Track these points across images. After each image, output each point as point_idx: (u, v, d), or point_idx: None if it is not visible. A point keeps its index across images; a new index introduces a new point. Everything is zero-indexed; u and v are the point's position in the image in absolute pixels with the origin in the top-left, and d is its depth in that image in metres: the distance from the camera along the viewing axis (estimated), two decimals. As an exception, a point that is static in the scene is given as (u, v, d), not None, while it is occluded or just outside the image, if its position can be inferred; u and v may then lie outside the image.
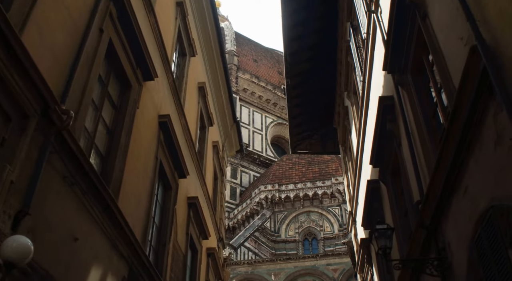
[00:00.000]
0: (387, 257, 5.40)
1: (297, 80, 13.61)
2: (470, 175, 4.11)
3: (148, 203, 6.87)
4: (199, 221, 9.82)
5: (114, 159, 5.77)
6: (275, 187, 33.99)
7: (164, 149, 7.77)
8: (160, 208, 7.90)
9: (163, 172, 7.80)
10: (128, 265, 5.94)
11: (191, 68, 10.56)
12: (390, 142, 6.96)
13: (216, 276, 12.15)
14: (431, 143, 5.30)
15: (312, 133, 15.57)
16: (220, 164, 13.90)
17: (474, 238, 3.99)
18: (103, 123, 5.82)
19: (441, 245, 4.92)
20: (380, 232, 5.41)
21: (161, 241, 7.67)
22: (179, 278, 8.46)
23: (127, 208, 5.94)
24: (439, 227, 4.99)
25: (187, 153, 9.48)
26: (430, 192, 4.98)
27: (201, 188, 10.79)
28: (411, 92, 5.82)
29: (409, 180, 6.24)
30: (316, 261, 27.60)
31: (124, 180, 5.94)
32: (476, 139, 3.89)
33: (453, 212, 4.57)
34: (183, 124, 9.31)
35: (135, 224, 6.23)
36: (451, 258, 4.71)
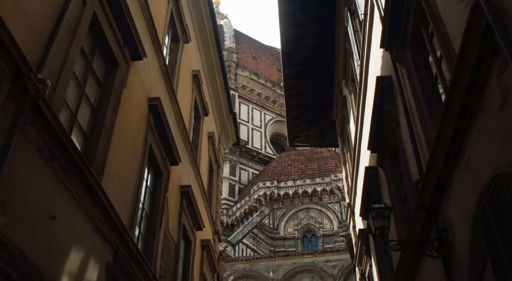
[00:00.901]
0: (384, 238, 5.13)
1: (294, 70, 13.33)
2: (472, 146, 3.84)
3: (136, 188, 6.60)
4: (193, 211, 9.55)
5: (98, 138, 5.50)
6: (274, 183, 33.69)
7: (154, 133, 7.50)
8: (151, 195, 7.63)
9: (153, 157, 7.52)
10: (113, 250, 5.67)
11: (184, 55, 10.29)
12: (388, 123, 6.69)
13: (211, 269, 11.87)
14: (430, 120, 5.03)
15: (310, 125, 15.30)
16: (216, 156, 13.63)
17: (478, 212, 3.72)
18: (86, 101, 5.55)
19: (441, 226, 4.65)
20: (377, 211, 5.14)
21: (151, 228, 7.40)
22: (170, 268, 8.19)
23: (112, 190, 5.67)
24: (439, 206, 4.72)
25: (179, 140, 9.21)
26: (430, 169, 4.71)
27: (195, 178, 10.51)
28: (410, 68, 5.55)
29: (408, 162, 5.97)
30: (315, 258, 27.28)
31: (109, 160, 5.67)
32: (479, 105, 3.62)
33: (455, 188, 4.30)
34: (175, 110, 9.04)
35: (121, 208, 5.95)
36: (452, 238, 4.44)
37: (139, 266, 6.37)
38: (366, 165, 8.39)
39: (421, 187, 4.97)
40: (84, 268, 4.91)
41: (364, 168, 8.44)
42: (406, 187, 6.22)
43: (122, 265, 5.94)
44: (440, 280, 4.79)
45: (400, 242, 4.95)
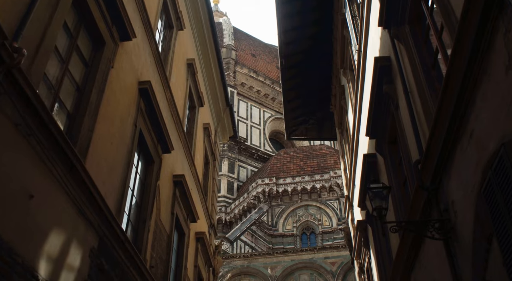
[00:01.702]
0: (382, 219, 4.87)
1: (292, 60, 13.08)
2: (476, 116, 3.58)
3: (124, 173, 6.33)
4: (186, 201, 9.29)
5: (82, 118, 5.24)
6: (273, 180, 33.38)
7: (145, 118, 7.24)
8: (141, 183, 7.37)
9: (143, 143, 7.27)
10: (98, 236, 5.41)
11: (179, 42, 10.04)
12: (387, 106, 6.43)
13: (207, 263, 11.61)
14: (431, 97, 4.77)
15: (308, 118, 15.04)
16: (212, 148, 13.37)
17: (482, 188, 3.46)
18: (70, 78, 5.29)
19: (443, 206, 4.39)
20: (374, 191, 4.88)
21: (141, 217, 7.14)
22: (162, 259, 7.93)
23: (97, 173, 5.41)
24: (440, 186, 4.46)
25: (173, 128, 8.95)
26: (431, 147, 4.45)
27: (189, 168, 10.26)
28: (409, 44, 5.30)
29: (408, 144, 5.71)
30: (313, 254, 26.98)
31: (94, 141, 5.41)
32: (483, 70, 3.36)
33: (457, 165, 4.04)
34: (168, 97, 8.78)
35: (107, 192, 5.70)
36: (454, 219, 4.18)
37: (127, 254, 6.11)
38: (364, 153, 8.13)
39: (421, 167, 4.72)
40: (65, 252, 4.66)
41: (362, 156, 8.18)
42: (406, 171, 5.96)
43: (108, 252, 5.68)
44: (441, 264, 4.54)
45: (399, 223, 4.68)
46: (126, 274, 6.20)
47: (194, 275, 10.18)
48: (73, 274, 4.82)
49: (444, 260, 4.38)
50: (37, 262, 4.19)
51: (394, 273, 6.59)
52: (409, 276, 5.98)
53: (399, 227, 4.61)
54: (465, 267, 3.99)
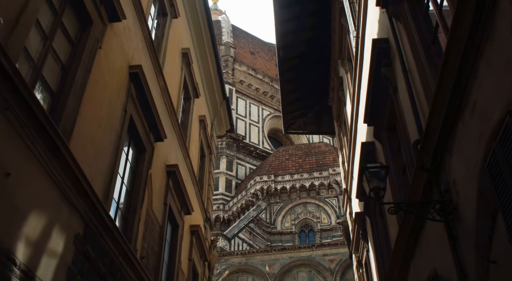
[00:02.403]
0: (380, 200, 4.63)
1: (289, 51, 12.86)
2: (478, 86, 3.36)
3: (113, 158, 6.10)
4: (180, 192, 9.05)
5: (66, 97, 5.01)
6: (271, 178, 33.12)
7: (135, 104, 7.01)
8: (132, 171, 7.14)
9: (134, 129, 7.03)
10: (83, 222, 5.17)
11: (173, 30, 9.81)
12: (385, 90, 6.21)
13: (202, 257, 11.37)
14: (431, 74, 4.55)
15: (306, 111, 14.82)
16: (208, 141, 13.14)
17: (486, 161, 3.24)
18: (54, 56, 5.06)
19: (444, 187, 4.16)
20: (371, 171, 4.64)
21: (132, 205, 6.91)
22: (154, 250, 7.70)
23: (82, 156, 5.18)
24: (441, 166, 4.24)
25: (166, 117, 8.72)
26: (431, 125, 4.23)
27: (184, 160, 10.02)
28: (408, 21, 5.06)
29: (407, 128, 5.48)
30: (312, 252, 26.71)
31: (79, 123, 5.18)
32: (487, 33, 3.14)
33: (459, 141, 3.81)
34: (161, 85, 8.55)
35: (93, 177, 5.46)
36: (456, 199, 3.95)
37: (115, 243, 5.88)
38: (362, 141, 7.90)
39: (421, 147, 4.49)
40: (46, 236, 4.42)
41: (360, 144, 7.95)
42: (405, 156, 5.73)
43: (95, 239, 5.45)
44: (442, 249, 4.31)
45: (398, 204, 4.45)
46: (114, 264, 5.97)
47: (188, 269, 9.95)
48: (56, 260, 4.59)
49: (445, 244, 4.16)
50: (14, 245, 3.95)
51: (393, 262, 6.36)
52: (408, 264, 5.76)
53: (398, 209, 4.38)
54: (467, 249, 3.76)
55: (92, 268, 5.35)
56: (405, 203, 4.41)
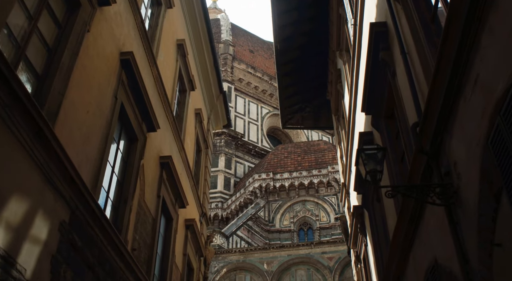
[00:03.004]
0: (376, 183, 4.44)
1: (286, 44, 12.66)
2: (481, 57, 3.17)
3: (102, 146, 5.90)
4: (174, 185, 8.86)
5: (52, 79, 4.83)
6: (270, 175, 32.89)
7: (127, 91, 6.81)
8: (123, 160, 6.95)
9: (125, 117, 6.85)
10: (69, 209, 4.98)
11: (168, 21, 9.62)
12: (384, 75, 6.02)
13: (197, 252, 11.17)
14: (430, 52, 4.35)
15: (304, 106, 14.62)
16: (204, 135, 12.94)
17: (489, 137, 3.05)
18: (40, 37, 4.87)
19: (444, 170, 3.97)
20: (368, 154, 4.45)
21: (123, 195, 6.72)
22: (146, 243, 7.50)
23: (68, 141, 5.00)
24: (441, 148, 4.05)
25: (160, 108, 8.53)
26: (430, 106, 4.04)
27: (178, 152, 9.83)
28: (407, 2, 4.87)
29: (406, 113, 5.28)
30: (310, 249, 26.49)
31: (66, 106, 4.99)
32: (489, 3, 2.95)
33: (460, 119, 3.62)
34: (155, 75, 8.36)
35: (81, 163, 5.27)
36: (457, 182, 3.76)
37: (104, 232, 5.69)
38: (360, 131, 7.71)
39: (420, 129, 4.30)
40: (28, 221, 4.23)
41: (358, 134, 7.76)
42: (404, 142, 5.54)
43: (82, 228, 5.25)
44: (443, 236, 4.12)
45: (395, 188, 4.26)
46: (103, 255, 5.78)
47: (183, 264, 9.76)
48: (39, 247, 4.39)
49: (446, 230, 3.97)
50: (-7, 228, 3.77)
51: (392, 255, 6.17)
52: (407, 256, 5.57)
53: (396, 192, 4.19)
54: (469, 234, 3.57)
55: (79, 257, 5.17)
56: (403, 186, 4.21)
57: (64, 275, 4.81)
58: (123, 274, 6.33)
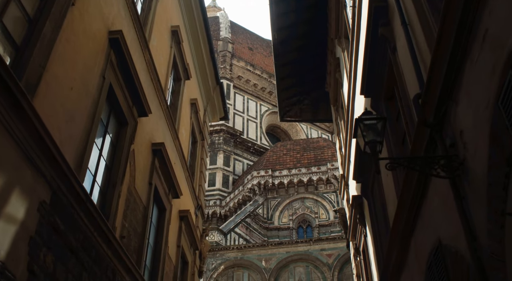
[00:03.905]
0: (376, 155, 4.15)
1: (284, 34, 12.39)
2: (490, 10, 2.89)
3: (87, 125, 5.62)
4: (167, 173, 8.58)
5: (32, 50, 4.54)
6: (268, 172, 32.55)
7: (116, 72, 6.53)
8: (112, 145, 6.67)
9: (114, 99, 6.56)
10: (50, 189, 4.70)
11: (161, 6, 9.34)
12: (384, 53, 5.74)
13: (192, 245, 10.88)
14: (433, 19, 4.08)
15: (303, 98, 14.35)
16: (200, 127, 12.66)
17: (500, 96, 2.77)
18: (20, 8, 4.59)
19: (449, 142, 3.69)
20: (367, 124, 4.17)
21: (111, 180, 6.44)
22: (136, 232, 7.21)
23: (50, 116, 4.72)
24: (446, 118, 3.77)
25: (152, 94, 8.25)
26: (434, 75, 3.76)
27: (173, 141, 9.55)
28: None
29: (407, 90, 4.99)
30: (309, 246, 26.16)
31: (47, 80, 4.71)
32: None
33: (466, 83, 3.34)
34: (147, 59, 8.08)
35: (64, 141, 4.99)
36: (463, 152, 3.48)
37: (90, 217, 5.40)
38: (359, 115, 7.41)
39: (423, 101, 4.02)
40: (3, 199, 3.95)
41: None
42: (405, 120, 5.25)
43: (65, 211, 4.97)
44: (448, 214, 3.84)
45: (397, 160, 3.98)
46: (89, 240, 5.49)
47: (177, 256, 9.47)
48: (15, 227, 4.10)
49: (451, 206, 3.68)
50: (-39, 204, 3.49)
51: (392, 242, 5.88)
52: (408, 241, 5.29)
53: (397, 164, 3.91)
54: (477, 208, 3.29)
55: (61, 241, 4.88)
56: (405, 158, 3.93)
57: (44, 258, 4.53)
58: (111, 261, 6.05)
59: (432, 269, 4.33)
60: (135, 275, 6.61)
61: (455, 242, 3.70)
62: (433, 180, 4.18)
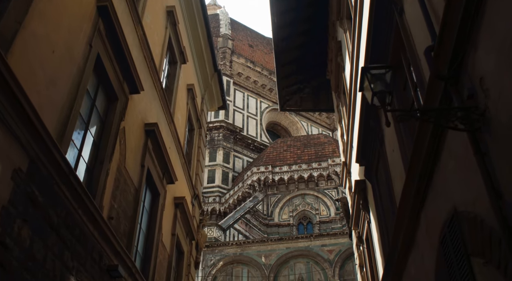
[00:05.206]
0: (385, 107, 3.74)
1: (285, 18, 12.00)
2: None
3: (71, 94, 5.20)
4: (161, 156, 8.18)
5: (7, 4, 4.15)
6: (268, 168, 32.11)
7: (105, 43, 6.13)
8: (100, 119, 6.27)
9: (103, 71, 6.16)
10: (28, 157, 4.30)
11: (155, -17, 8.96)
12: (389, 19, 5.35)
13: (188, 235, 10.48)
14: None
15: (303, 86, 13.94)
16: (197, 114, 12.26)
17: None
18: (-8, -43, 4.21)
19: (468, 93, 3.28)
20: (374, 74, 3.77)
21: (99, 157, 6.04)
22: (126, 214, 6.81)
23: (27, 78, 4.32)
24: (462, 68, 3.36)
25: (145, 72, 7.86)
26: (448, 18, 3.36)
27: (168, 125, 9.16)
28: None
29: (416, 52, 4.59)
30: (310, 242, 25.72)
31: (25, 38, 4.31)
32: None
33: (488, 22, 2.94)
34: (140, 35, 7.69)
35: (44, 107, 4.59)
36: (485, 101, 3.07)
37: (73, 191, 4.99)
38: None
39: (436, 53, 3.62)
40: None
41: (361, 97, 7.07)
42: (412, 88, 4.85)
43: (44, 182, 4.57)
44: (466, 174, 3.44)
45: (409, 110, 3.57)
46: (72, 217, 5.09)
47: (171, 244, 9.06)
48: (-16, 193, 3.72)
49: (470, 166, 3.28)
50: None
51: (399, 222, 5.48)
52: (418, 216, 4.88)
53: (409, 116, 3.51)
54: (501, 162, 2.89)
55: (40, 214, 4.48)
56: (418, 109, 3.53)
57: (19, 231, 4.13)
58: (97, 242, 5.65)
59: (446, 242, 3.93)
60: (124, 259, 6.20)
61: (474, 206, 3.30)
62: (447, 142, 3.78)
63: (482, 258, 3.22)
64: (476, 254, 3.34)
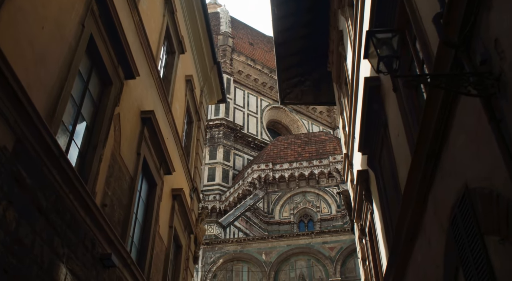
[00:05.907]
0: (393, 73, 3.52)
1: (285, 8, 11.78)
2: None
3: (62, 74, 4.98)
4: (158, 145, 7.96)
5: (-11, -28, 3.94)
6: (269, 166, 31.85)
7: (98, 24, 5.90)
8: (93, 103, 6.05)
9: (96, 53, 5.94)
10: (14, 135, 4.08)
11: (152, -31, 8.74)
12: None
13: (186, 228, 10.25)
14: None
15: (304, 79, 13.71)
16: (196, 106, 12.04)
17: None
18: None
19: (480, 58, 3.06)
20: (380, 39, 3.54)
21: (92, 141, 5.82)
22: (121, 203, 6.59)
23: (14, 52, 4.10)
24: (474, 32, 3.14)
25: (141, 58, 7.65)
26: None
27: (165, 114, 8.93)
28: None
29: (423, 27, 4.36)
30: (311, 239, 25.47)
31: (10, 10, 4.08)
32: None
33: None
34: (136, 20, 7.48)
35: (32, 85, 4.37)
36: (501, 64, 2.85)
37: (63, 174, 4.77)
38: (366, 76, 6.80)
39: (445, 20, 3.39)
40: None
41: (363, 80, 6.84)
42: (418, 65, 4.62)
43: (32, 162, 4.35)
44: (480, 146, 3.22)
45: (418, 76, 3.34)
46: (63, 202, 4.87)
47: (169, 237, 8.84)
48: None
49: (484, 137, 3.06)
50: None
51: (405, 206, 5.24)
52: (425, 199, 4.66)
53: (418, 82, 3.28)
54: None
55: (27, 196, 4.26)
56: (428, 74, 3.30)
57: (4, 213, 3.91)
58: (90, 230, 5.42)
59: (456, 223, 3.70)
60: (118, 248, 5.98)
61: (489, 180, 3.08)
62: (457, 115, 3.56)
63: (497, 236, 2.99)
64: (490, 232, 3.12)
